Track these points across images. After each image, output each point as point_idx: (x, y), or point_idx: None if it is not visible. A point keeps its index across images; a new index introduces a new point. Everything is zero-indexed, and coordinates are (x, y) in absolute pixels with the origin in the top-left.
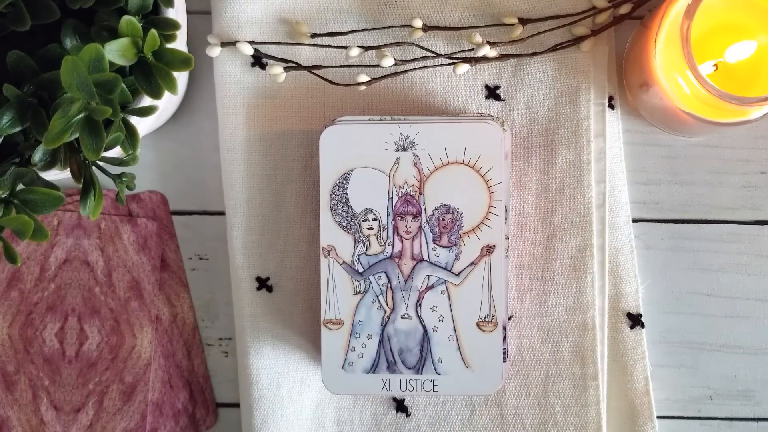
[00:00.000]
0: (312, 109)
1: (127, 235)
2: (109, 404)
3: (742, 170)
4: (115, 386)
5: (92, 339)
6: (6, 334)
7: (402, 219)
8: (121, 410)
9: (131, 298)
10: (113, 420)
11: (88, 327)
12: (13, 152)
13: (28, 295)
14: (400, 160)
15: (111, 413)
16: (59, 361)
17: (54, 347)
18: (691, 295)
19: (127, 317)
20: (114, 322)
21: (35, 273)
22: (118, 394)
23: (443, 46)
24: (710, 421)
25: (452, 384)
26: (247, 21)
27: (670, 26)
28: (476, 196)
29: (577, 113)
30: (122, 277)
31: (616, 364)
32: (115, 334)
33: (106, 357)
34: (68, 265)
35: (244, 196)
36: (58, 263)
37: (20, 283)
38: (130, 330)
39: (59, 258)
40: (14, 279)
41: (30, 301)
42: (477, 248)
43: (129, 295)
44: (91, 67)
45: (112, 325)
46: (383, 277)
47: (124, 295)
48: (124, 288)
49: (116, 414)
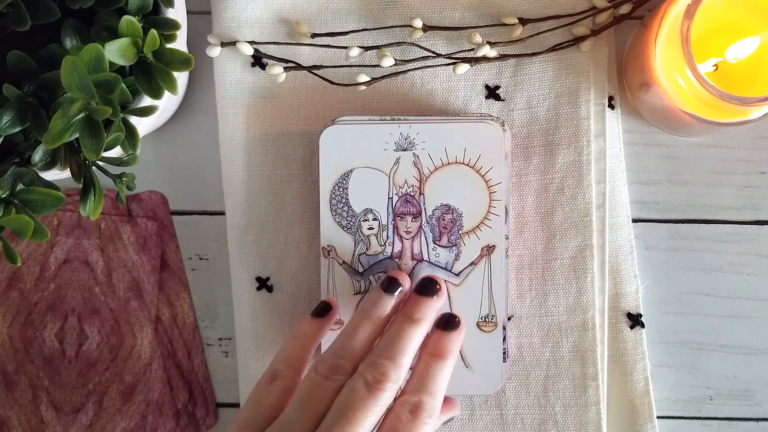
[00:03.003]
0: (312, 109)
1: (127, 235)
2: (108, 404)
3: (742, 170)
4: (114, 386)
5: (92, 339)
6: (6, 334)
7: (402, 219)
8: (121, 410)
9: (131, 298)
10: (113, 420)
11: (88, 327)
12: (13, 152)
13: (28, 295)
14: (400, 160)
15: (111, 413)
16: (59, 361)
17: (54, 347)
18: (691, 295)
19: (127, 317)
20: (114, 322)
21: (35, 273)
22: (117, 394)
23: (443, 46)
24: (710, 421)
25: (452, 384)
26: (247, 21)
27: (670, 26)
28: (476, 196)
29: (577, 113)
30: (122, 277)
31: (616, 364)
32: (114, 334)
33: (106, 357)
34: (68, 265)
35: (244, 196)
36: (58, 263)
37: (20, 283)
38: (130, 330)
39: (59, 258)
40: (14, 279)
41: (30, 301)
42: (477, 248)
43: (129, 295)
44: (91, 67)
45: (112, 325)
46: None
47: (124, 295)
48: (124, 288)
49: (116, 414)
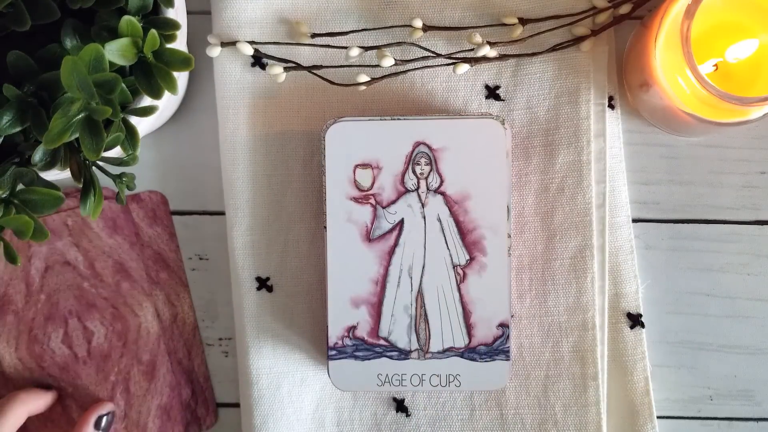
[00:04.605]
0: (312, 109)
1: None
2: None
3: (742, 170)
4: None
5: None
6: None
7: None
8: (149, 389)
9: (120, 280)
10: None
11: (90, 323)
12: (13, 152)
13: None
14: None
15: (140, 396)
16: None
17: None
18: (691, 295)
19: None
20: (113, 309)
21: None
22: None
23: (443, 46)
24: (710, 421)
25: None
26: (247, 21)
27: (670, 26)
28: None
29: (577, 113)
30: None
31: (616, 364)
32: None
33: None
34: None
35: (244, 196)
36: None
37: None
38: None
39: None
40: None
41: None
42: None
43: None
44: (91, 67)
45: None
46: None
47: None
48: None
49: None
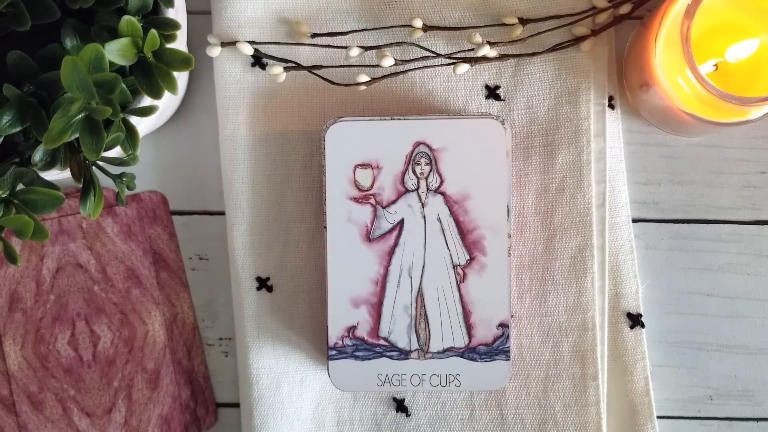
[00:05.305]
0: (312, 109)
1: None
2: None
3: (742, 170)
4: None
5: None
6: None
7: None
8: (151, 398)
9: (131, 287)
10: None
11: (98, 327)
12: (13, 152)
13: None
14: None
15: (142, 404)
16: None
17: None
18: (691, 295)
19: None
20: (121, 315)
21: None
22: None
23: (443, 46)
24: (710, 421)
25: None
26: (247, 21)
27: (670, 26)
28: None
29: (577, 113)
30: (117, 270)
31: (616, 364)
32: (125, 326)
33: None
34: (62, 272)
35: (244, 196)
36: (52, 274)
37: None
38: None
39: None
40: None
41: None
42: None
43: (128, 285)
44: (91, 67)
45: (120, 319)
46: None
47: (123, 285)
48: (122, 279)
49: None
